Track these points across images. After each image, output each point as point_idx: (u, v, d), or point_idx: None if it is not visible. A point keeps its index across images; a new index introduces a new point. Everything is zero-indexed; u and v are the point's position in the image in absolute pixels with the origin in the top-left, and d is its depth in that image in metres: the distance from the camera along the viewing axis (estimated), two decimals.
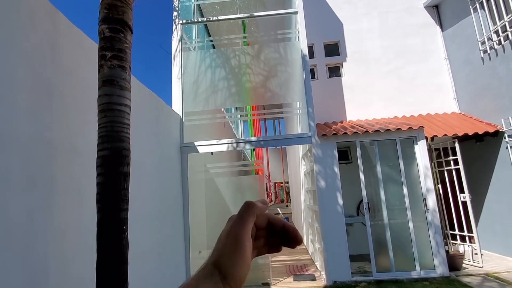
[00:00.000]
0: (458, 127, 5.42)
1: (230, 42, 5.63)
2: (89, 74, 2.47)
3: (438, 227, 4.53)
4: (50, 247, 1.94)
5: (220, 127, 7.96)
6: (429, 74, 6.59)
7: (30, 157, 1.85)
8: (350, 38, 6.86)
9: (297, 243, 0.40)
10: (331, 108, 6.56)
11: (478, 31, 5.70)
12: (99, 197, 1.80)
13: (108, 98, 1.88)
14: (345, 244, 4.56)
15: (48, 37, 2.11)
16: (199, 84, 5.13)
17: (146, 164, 3.54)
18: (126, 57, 2.00)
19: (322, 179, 4.76)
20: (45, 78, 2.04)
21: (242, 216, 0.37)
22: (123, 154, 1.88)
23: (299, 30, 5.16)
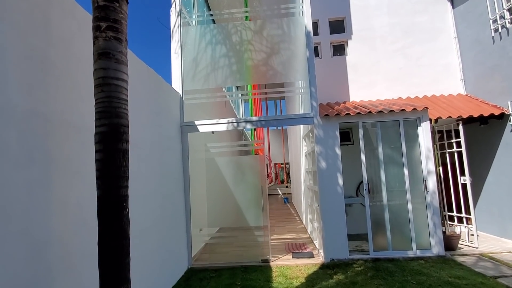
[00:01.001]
0: (463, 109, 5.32)
1: (231, 16, 5.40)
2: (83, 47, 2.37)
3: (436, 208, 4.56)
4: (50, 221, 1.95)
5: (221, 106, 7.85)
6: (437, 54, 6.38)
7: (26, 132, 1.81)
8: (357, 14, 6.59)
9: None
10: (334, 88, 6.43)
11: (491, 8, 5.45)
12: (99, 174, 1.78)
13: (104, 72, 1.81)
14: (344, 224, 4.62)
15: (39, 6, 2.00)
16: (199, 61, 4.98)
17: (146, 142, 3.51)
18: (122, 28, 1.90)
19: (323, 160, 4.74)
20: (38, 49, 1.96)
21: None
22: (121, 131, 1.83)
23: (303, 5, 4.93)
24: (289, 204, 12.20)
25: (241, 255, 4.95)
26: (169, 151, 4.31)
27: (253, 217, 4.97)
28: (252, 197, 4.98)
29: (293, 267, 4.39)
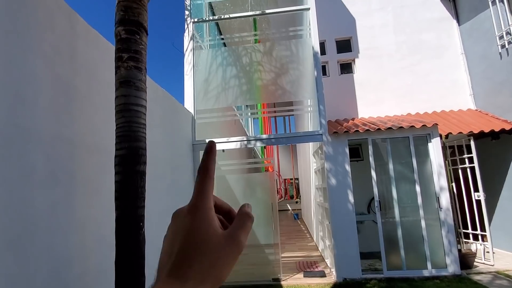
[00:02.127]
0: (474, 124, 5.28)
1: (241, 40, 5.63)
2: (106, 75, 2.54)
3: (451, 226, 4.46)
4: (72, 240, 2.04)
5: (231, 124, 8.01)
6: (444, 70, 6.42)
7: (52, 155, 1.93)
8: (363, 34, 6.75)
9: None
10: (342, 105, 6.50)
11: (496, 25, 5.51)
12: (117, 195, 1.87)
13: (125, 98, 1.94)
14: (356, 242, 4.55)
15: (66, 38, 2.18)
16: (211, 82, 5.18)
17: (160, 161, 3.62)
18: (141, 58, 2.06)
19: (333, 176, 4.75)
20: (64, 78, 2.12)
21: (204, 188, 0.32)
22: (140, 153, 1.94)
23: (310, 27, 5.11)
24: (299, 220, 12.04)
25: (251, 274, 4.90)
26: (181, 169, 4.41)
27: (263, 234, 4.96)
28: (263, 214, 4.99)
29: (305, 286, 4.32)
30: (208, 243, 0.29)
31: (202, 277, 0.28)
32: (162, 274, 0.29)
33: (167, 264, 0.29)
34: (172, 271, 0.28)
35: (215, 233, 0.30)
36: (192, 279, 0.28)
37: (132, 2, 2.07)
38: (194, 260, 0.28)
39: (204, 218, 0.30)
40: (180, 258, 0.29)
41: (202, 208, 0.30)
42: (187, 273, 0.28)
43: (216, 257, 0.29)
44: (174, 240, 0.30)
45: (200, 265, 0.28)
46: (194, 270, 0.28)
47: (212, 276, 0.28)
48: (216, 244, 0.29)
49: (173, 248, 0.30)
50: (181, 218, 0.31)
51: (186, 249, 0.29)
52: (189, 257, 0.29)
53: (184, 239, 0.29)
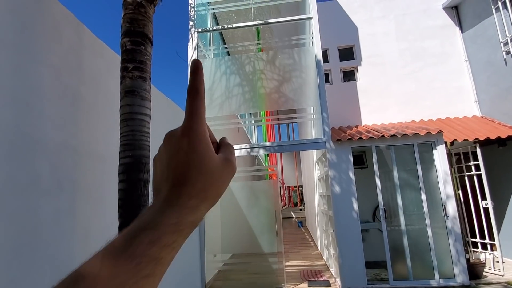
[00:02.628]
0: (480, 131, 5.23)
1: (244, 49, 5.70)
2: (111, 84, 2.58)
3: (458, 234, 4.38)
4: (75, 248, 2.04)
5: (235, 132, 8.04)
6: (448, 77, 6.41)
7: (57, 163, 1.96)
8: (366, 41, 6.79)
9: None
10: (346, 113, 6.50)
11: (501, 31, 5.51)
12: (121, 203, 1.88)
13: (130, 108, 1.97)
14: (361, 251, 4.49)
15: (73, 49, 2.23)
16: (214, 90, 5.23)
17: None
18: (146, 68, 2.09)
19: (337, 184, 4.72)
20: (71, 88, 2.16)
21: (196, 109, 0.31)
22: (143, 162, 1.96)
23: (313, 36, 5.16)
24: (303, 228, 11.92)
25: (255, 283, 4.85)
26: None
27: (267, 243, 4.92)
28: (266, 222, 4.96)
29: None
30: (207, 164, 0.30)
31: (204, 195, 0.30)
32: (160, 195, 0.30)
33: (166, 184, 0.30)
34: (173, 191, 0.29)
35: (213, 155, 0.31)
36: (194, 197, 0.29)
37: (137, 14, 2.12)
38: (196, 179, 0.29)
39: (201, 139, 0.30)
40: (180, 178, 0.29)
41: (197, 130, 0.30)
42: (190, 192, 0.29)
43: (216, 177, 0.30)
44: (170, 161, 0.30)
45: (202, 184, 0.29)
46: (196, 188, 0.29)
47: (212, 194, 0.30)
48: (215, 165, 0.31)
49: (169, 169, 0.30)
50: (176, 139, 0.31)
51: (186, 170, 0.29)
52: (190, 177, 0.29)
53: (182, 160, 0.30)
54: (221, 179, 0.31)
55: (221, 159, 0.32)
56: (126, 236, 0.26)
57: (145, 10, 2.15)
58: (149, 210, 0.29)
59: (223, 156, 0.32)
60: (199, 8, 5.69)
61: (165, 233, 0.27)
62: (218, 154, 0.33)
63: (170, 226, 0.27)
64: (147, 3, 2.18)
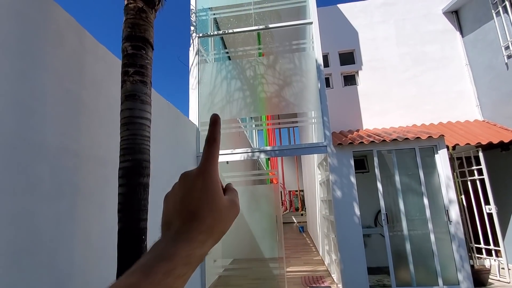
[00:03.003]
0: (482, 135, 5.21)
1: (245, 53, 5.73)
2: (112, 88, 2.60)
3: (462, 240, 4.33)
4: (75, 252, 2.03)
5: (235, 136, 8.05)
6: (449, 81, 6.40)
7: (58, 167, 1.96)
8: (366, 46, 6.81)
9: None
10: (346, 117, 6.50)
11: (502, 36, 5.52)
12: (121, 207, 1.88)
13: (130, 112, 1.98)
14: (363, 256, 4.44)
15: (75, 54, 2.25)
16: (215, 94, 5.25)
17: (164, 174, 3.64)
18: (147, 72, 2.11)
19: (338, 189, 4.69)
20: (73, 92, 2.17)
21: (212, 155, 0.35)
22: (144, 166, 1.96)
23: (313, 40, 5.19)
24: (304, 233, 11.83)
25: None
26: None
27: (268, 248, 4.88)
28: (267, 227, 4.93)
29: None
30: (218, 202, 0.33)
31: (212, 231, 0.33)
32: (172, 228, 0.33)
33: (178, 218, 0.33)
34: (185, 225, 0.32)
35: (222, 196, 0.35)
36: (203, 232, 0.32)
37: (138, 19, 2.14)
38: (206, 216, 0.32)
39: (213, 181, 0.34)
40: (192, 213, 0.32)
41: (211, 172, 0.34)
42: (200, 227, 0.32)
43: (223, 215, 0.34)
44: (184, 197, 0.34)
45: (211, 221, 0.33)
46: (206, 224, 0.32)
47: (218, 230, 0.33)
48: (223, 204, 0.34)
49: (183, 204, 0.33)
50: (191, 178, 0.34)
51: (198, 206, 0.33)
52: (201, 213, 0.32)
53: (196, 197, 0.33)
54: (227, 218, 0.34)
55: (228, 200, 0.35)
56: (143, 267, 0.28)
57: (146, 15, 2.17)
58: (161, 243, 0.31)
59: (230, 198, 0.36)
60: (200, 14, 5.74)
61: (179, 264, 0.29)
62: (225, 196, 0.36)
63: (183, 258, 0.30)
64: (148, 9, 2.20)
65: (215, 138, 0.36)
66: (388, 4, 6.94)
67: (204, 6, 5.79)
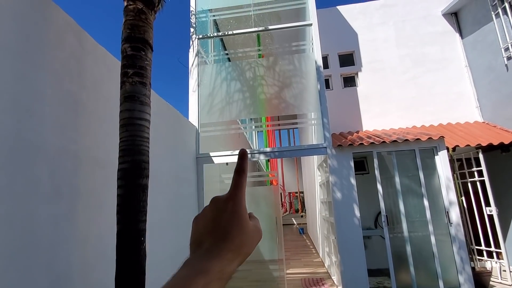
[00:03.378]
0: (482, 137, 5.20)
1: (245, 55, 5.73)
2: (111, 89, 2.59)
3: (462, 242, 4.31)
4: (73, 255, 2.02)
5: (235, 138, 8.04)
6: (449, 83, 6.41)
7: (57, 169, 1.95)
8: (365, 47, 6.82)
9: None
10: (346, 118, 6.50)
11: (501, 37, 5.52)
12: (119, 209, 1.87)
13: (129, 113, 1.97)
14: (363, 258, 4.42)
15: (75, 56, 2.25)
16: (215, 96, 5.24)
17: (163, 175, 3.63)
18: (146, 73, 2.10)
19: (338, 190, 4.68)
20: (72, 94, 2.17)
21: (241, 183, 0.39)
22: (142, 167, 1.95)
23: (313, 42, 5.19)
24: (304, 235, 11.81)
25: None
26: (185, 182, 4.41)
27: (267, 250, 4.86)
28: (267, 228, 4.91)
29: None
30: (245, 225, 0.37)
31: (239, 251, 0.35)
32: (202, 246, 0.36)
33: (209, 237, 0.36)
34: (216, 244, 0.35)
35: (249, 220, 0.38)
36: (232, 251, 0.35)
37: (138, 20, 2.14)
38: (235, 236, 0.35)
39: (242, 206, 0.38)
40: (223, 233, 0.36)
41: (240, 198, 0.38)
42: (230, 246, 0.35)
43: (249, 237, 0.37)
44: (215, 218, 0.37)
45: (239, 241, 0.36)
46: (235, 244, 0.35)
47: (244, 251, 0.36)
48: (250, 227, 0.38)
49: (214, 225, 0.37)
50: (221, 202, 0.38)
51: (228, 227, 0.36)
52: (231, 233, 0.36)
53: (226, 219, 0.36)
54: (252, 241, 0.38)
55: (253, 225, 0.39)
56: (183, 280, 0.31)
57: (146, 17, 2.17)
58: (194, 259, 0.35)
59: (254, 223, 0.40)
60: (200, 15, 5.75)
61: (214, 279, 0.32)
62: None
63: (216, 273, 0.32)
64: (148, 10, 2.20)
65: (243, 169, 0.40)
66: (387, 5, 6.96)
67: (204, 8, 5.80)
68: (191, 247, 0.38)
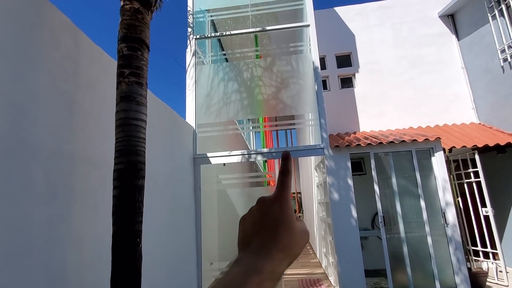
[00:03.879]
0: (478, 138, 5.23)
1: (242, 55, 5.73)
2: (107, 89, 2.58)
3: (459, 242, 4.33)
4: (68, 256, 2.00)
5: (232, 138, 8.04)
6: (446, 84, 6.45)
7: (52, 169, 1.93)
8: (363, 49, 6.85)
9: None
10: (343, 119, 6.51)
11: (498, 39, 5.56)
12: (115, 210, 1.85)
13: (125, 113, 1.96)
14: (360, 259, 4.42)
15: (70, 55, 2.23)
16: (212, 96, 5.23)
17: (160, 175, 3.61)
18: (143, 73, 2.09)
19: (335, 191, 4.68)
20: (67, 93, 2.15)
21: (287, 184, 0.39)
22: (139, 168, 1.94)
23: (310, 43, 5.20)
24: None
25: None
26: (182, 183, 4.39)
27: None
28: None
29: None
30: (293, 226, 0.37)
31: (289, 251, 0.35)
32: (251, 246, 0.36)
33: (257, 237, 0.36)
34: (265, 244, 0.35)
35: (296, 221, 0.38)
36: (282, 251, 0.34)
37: (134, 20, 2.13)
38: (284, 236, 0.35)
39: (289, 206, 0.38)
40: (271, 233, 0.35)
41: (286, 198, 0.38)
42: (278, 246, 0.35)
43: (297, 238, 0.36)
44: (262, 219, 0.37)
45: (288, 242, 0.35)
46: (283, 244, 0.35)
47: (293, 252, 0.36)
48: (298, 228, 0.37)
49: (262, 225, 0.37)
50: (268, 203, 0.38)
51: (276, 228, 0.36)
52: (279, 233, 0.35)
53: (273, 219, 0.36)
54: (300, 242, 0.37)
55: (301, 227, 0.39)
56: (239, 279, 0.31)
57: (142, 16, 2.16)
58: (245, 258, 0.34)
59: (302, 225, 0.39)
60: (198, 15, 5.74)
61: (266, 279, 0.31)
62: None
63: (269, 273, 0.32)
64: (145, 10, 2.19)
65: (288, 170, 0.40)
66: (384, 7, 6.99)
67: (202, 8, 5.79)
68: (240, 246, 0.38)
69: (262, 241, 0.35)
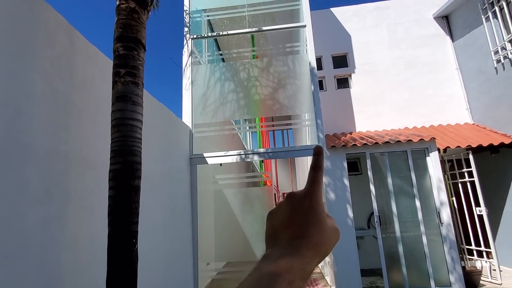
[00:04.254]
0: (472, 138, 5.29)
1: (239, 55, 5.73)
2: (103, 89, 2.56)
3: (453, 241, 4.38)
4: (64, 257, 1.99)
5: (229, 138, 8.03)
6: (440, 85, 6.51)
7: (47, 170, 1.92)
8: (359, 49, 6.89)
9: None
10: (340, 119, 6.54)
11: (491, 40, 5.63)
12: (111, 210, 1.84)
13: (121, 113, 1.95)
14: (356, 258, 4.45)
15: (66, 55, 2.21)
16: (209, 96, 5.23)
17: (156, 176, 3.60)
18: (139, 73, 2.08)
19: (332, 191, 4.71)
20: (62, 93, 2.13)
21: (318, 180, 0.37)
22: (135, 168, 1.93)
23: (307, 43, 5.22)
24: None
25: None
26: (178, 183, 4.37)
27: (261, 250, 4.83)
28: (261, 229, 4.91)
29: None
30: (323, 224, 0.35)
31: (318, 249, 0.34)
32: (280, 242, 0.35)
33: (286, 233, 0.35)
34: (294, 241, 0.34)
35: (326, 219, 0.36)
36: (311, 249, 0.33)
37: (130, 19, 2.12)
38: (313, 234, 0.34)
39: (319, 202, 0.36)
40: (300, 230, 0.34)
41: (317, 194, 0.37)
42: (308, 244, 0.34)
43: (327, 236, 0.35)
44: (291, 215, 0.36)
45: (318, 240, 0.34)
46: (313, 242, 0.34)
47: (323, 250, 0.34)
48: (328, 226, 0.36)
49: (291, 221, 0.36)
50: (298, 198, 0.37)
51: (305, 225, 0.35)
52: (309, 231, 0.34)
53: (302, 215, 0.35)
54: (330, 240, 0.35)
55: (331, 224, 0.37)
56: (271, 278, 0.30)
57: (139, 16, 2.15)
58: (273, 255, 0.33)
59: (332, 222, 0.37)
60: (194, 15, 5.73)
61: (297, 277, 0.31)
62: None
63: (299, 271, 0.31)
64: (141, 9, 2.18)
65: (320, 165, 0.39)
66: (380, 8, 7.04)
67: (198, 8, 5.78)
68: (267, 241, 0.37)
69: (291, 238, 0.34)
